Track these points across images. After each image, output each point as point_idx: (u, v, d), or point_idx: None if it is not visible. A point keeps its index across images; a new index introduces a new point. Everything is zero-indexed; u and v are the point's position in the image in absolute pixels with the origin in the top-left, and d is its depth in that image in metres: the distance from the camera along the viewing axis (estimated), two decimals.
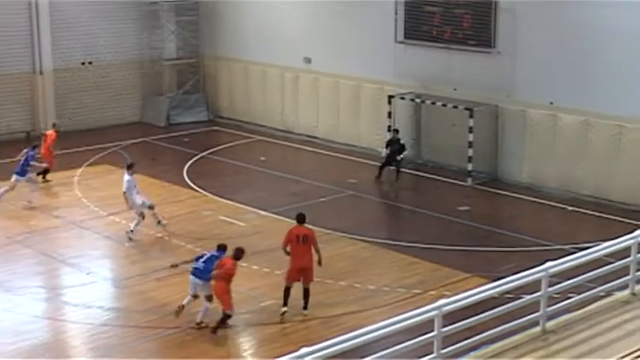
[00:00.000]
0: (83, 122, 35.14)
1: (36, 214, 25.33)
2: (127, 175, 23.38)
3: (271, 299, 19.30)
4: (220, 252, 18.25)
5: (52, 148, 28.58)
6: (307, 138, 34.09)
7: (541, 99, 27.61)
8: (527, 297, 13.80)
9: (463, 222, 24.91)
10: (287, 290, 18.61)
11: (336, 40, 33.04)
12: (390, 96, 30.58)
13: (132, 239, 23.05)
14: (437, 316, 12.17)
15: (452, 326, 12.46)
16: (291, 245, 18.59)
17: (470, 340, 12.74)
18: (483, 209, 26.40)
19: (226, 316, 17.88)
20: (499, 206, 27.45)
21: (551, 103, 27.44)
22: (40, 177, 27.82)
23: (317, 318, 18.55)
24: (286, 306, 18.54)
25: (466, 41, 29.17)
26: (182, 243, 22.67)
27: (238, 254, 17.91)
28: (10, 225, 24.45)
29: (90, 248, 22.99)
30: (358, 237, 23.40)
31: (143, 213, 23.25)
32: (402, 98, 30.50)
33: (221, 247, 18.39)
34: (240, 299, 18.98)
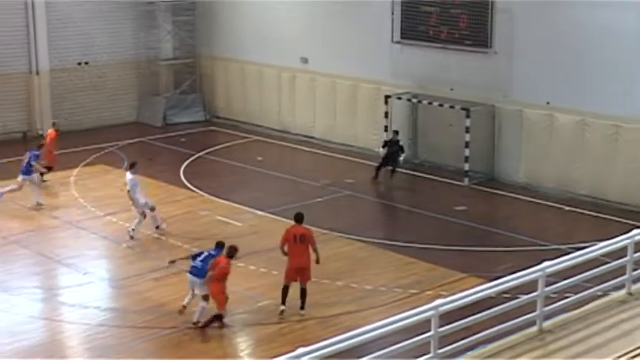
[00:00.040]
0: (80, 122, 35.10)
1: (33, 215, 25.31)
2: (130, 174, 23.40)
3: (268, 299, 19.31)
4: (218, 249, 18.27)
5: (52, 148, 28.47)
6: (304, 138, 34.08)
7: (538, 99, 27.62)
8: (523, 297, 13.79)
9: (460, 222, 24.92)
10: (285, 289, 18.66)
11: (333, 40, 33.03)
12: (387, 96, 30.58)
13: (133, 238, 23.10)
14: (433, 316, 12.16)
15: (448, 326, 12.45)
16: (288, 245, 18.60)
17: (467, 340, 12.73)
18: (480, 209, 26.42)
19: (220, 316, 17.87)
20: (496, 206, 27.47)
21: (547, 103, 27.46)
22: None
23: (314, 318, 18.55)
24: (284, 305, 18.59)
25: (463, 41, 29.17)
26: (179, 243, 22.66)
27: (232, 252, 17.92)
28: (7, 225, 24.41)
29: (87, 248, 22.98)
30: (355, 237, 23.40)
31: (145, 212, 23.27)
32: (399, 98, 30.50)
33: (219, 245, 18.40)
34: (237, 299, 19.00)
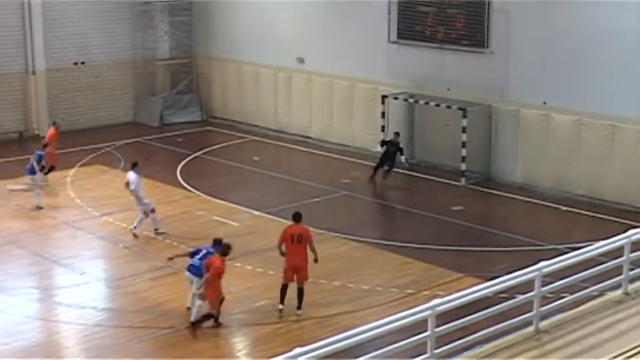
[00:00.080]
0: (76, 122, 35.04)
1: (29, 215, 25.28)
2: (134, 174, 23.43)
3: (265, 299, 19.31)
4: (216, 246, 18.25)
5: (53, 146, 28.38)
6: (301, 138, 34.08)
7: (534, 99, 27.65)
8: (520, 297, 13.80)
9: (457, 222, 24.93)
10: (284, 288, 18.70)
11: (330, 40, 33.03)
12: (384, 96, 30.59)
13: (137, 236, 23.18)
14: (430, 316, 12.16)
15: (445, 326, 12.46)
16: (285, 244, 18.63)
17: (463, 340, 12.73)
18: (477, 209, 26.43)
19: (210, 316, 17.86)
20: (493, 206, 27.48)
21: (544, 103, 27.47)
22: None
23: (311, 318, 18.56)
24: (283, 304, 18.64)
25: (459, 41, 29.19)
26: (175, 243, 22.64)
27: (225, 251, 17.90)
28: (4, 225, 24.38)
29: (83, 248, 22.96)
30: (352, 237, 23.41)
31: (147, 212, 23.31)
32: (396, 98, 30.51)
33: (217, 241, 18.39)
34: (234, 299, 19.00)
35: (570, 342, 13.23)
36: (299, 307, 18.65)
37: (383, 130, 30.35)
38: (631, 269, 15.06)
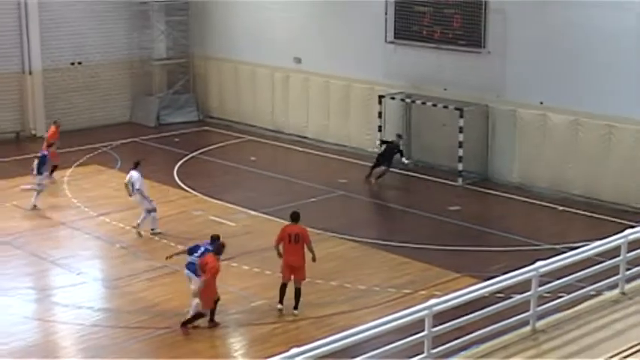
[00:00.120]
0: (73, 122, 34.96)
1: (26, 215, 25.26)
2: (137, 172, 23.44)
3: (262, 299, 19.31)
4: (214, 243, 18.22)
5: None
6: (297, 138, 34.07)
7: (531, 99, 27.66)
8: (517, 297, 13.81)
9: (454, 222, 24.93)
10: (283, 287, 18.71)
11: (326, 40, 33.02)
12: (381, 96, 30.59)
13: (141, 234, 23.30)
14: (427, 316, 12.17)
15: (442, 326, 12.46)
16: (283, 243, 18.64)
17: (460, 340, 12.74)
18: (474, 209, 26.44)
19: (200, 315, 17.83)
20: (489, 206, 27.49)
21: (541, 103, 27.49)
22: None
23: (307, 318, 18.55)
24: (282, 304, 18.64)
25: (456, 41, 29.19)
26: (172, 243, 22.61)
27: (219, 250, 17.87)
28: (1, 226, 24.35)
29: (80, 249, 22.94)
30: (348, 237, 23.41)
31: (151, 210, 23.35)
32: (393, 98, 30.51)
33: (214, 238, 18.36)
34: (230, 299, 19.00)
35: (567, 342, 13.24)
36: (296, 307, 18.64)
37: (380, 130, 30.36)
38: (627, 269, 15.08)
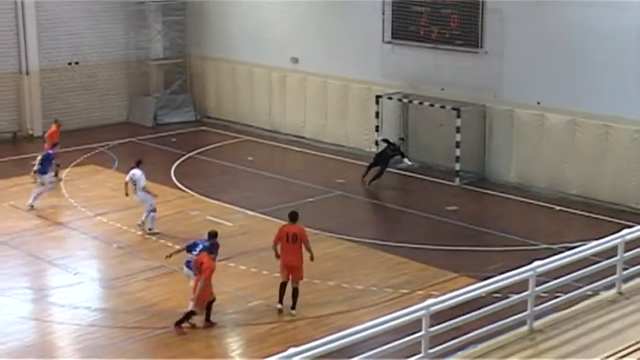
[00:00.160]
0: (70, 122, 34.84)
1: (23, 215, 25.23)
2: (139, 171, 23.48)
3: (259, 299, 19.30)
4: (212, 239, 18.20)
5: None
6: (295, 138, 34.06)
7: (528, 99, 27.66)
8: (514, 296, 13.81)
9: (451, 222, 24.93)
10: (282, 287, 18.70)
11: (324, 40, 33.01)
12: (378, 96, 30.59)
13: (148, 229, 23.36)
14: (424, 316, 12.17)
15: (439, 326, 12.46)
16: (281, 243, 18.64)
17: (457, 340, 12.74)
18: (471, 209, 26.44)
19: (192, 313, 17.81)
20: (487, 206, 27.50)
21: (538, 103, 27.50)
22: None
23: (305, 318, 18.54)
24: (281, 303, 18.63)
25: (453, 41, 29.19)
26: (169, 243, 22.59)
27: (212, 249, 17.85)
28: None
29: (77, 249, 22.93)
30: (346, 237, 23.40)
31: (155, 207, 23.38)
32: (390, 98, 30.51)
33: (212, 234, 18.33)
34: (227, 299, 18.99)
35: (564, 341, 13.25)
36: (293, 307, 18.63)
37: (377, 130, 30.36)
38: (624, 269, 15.09)
